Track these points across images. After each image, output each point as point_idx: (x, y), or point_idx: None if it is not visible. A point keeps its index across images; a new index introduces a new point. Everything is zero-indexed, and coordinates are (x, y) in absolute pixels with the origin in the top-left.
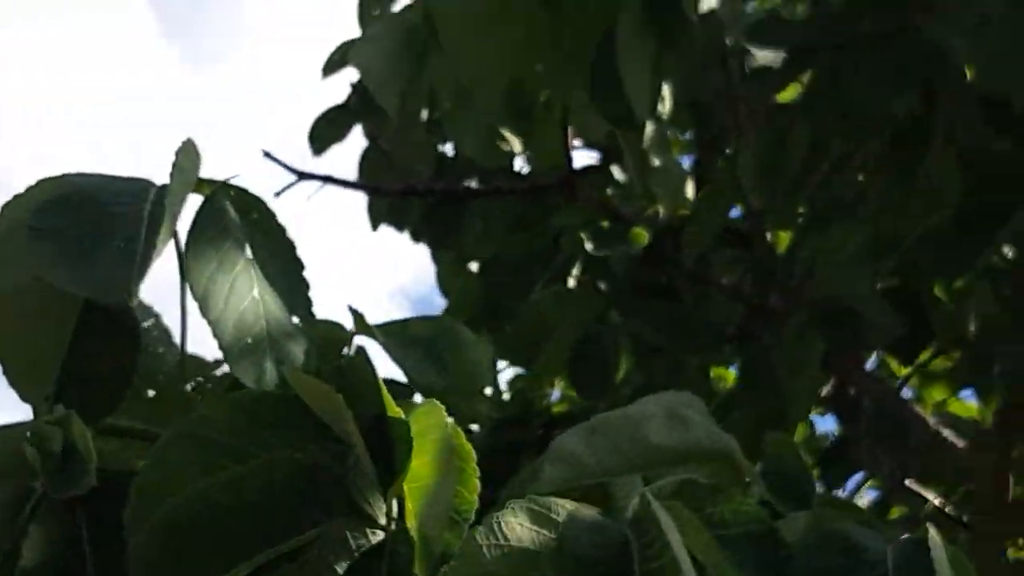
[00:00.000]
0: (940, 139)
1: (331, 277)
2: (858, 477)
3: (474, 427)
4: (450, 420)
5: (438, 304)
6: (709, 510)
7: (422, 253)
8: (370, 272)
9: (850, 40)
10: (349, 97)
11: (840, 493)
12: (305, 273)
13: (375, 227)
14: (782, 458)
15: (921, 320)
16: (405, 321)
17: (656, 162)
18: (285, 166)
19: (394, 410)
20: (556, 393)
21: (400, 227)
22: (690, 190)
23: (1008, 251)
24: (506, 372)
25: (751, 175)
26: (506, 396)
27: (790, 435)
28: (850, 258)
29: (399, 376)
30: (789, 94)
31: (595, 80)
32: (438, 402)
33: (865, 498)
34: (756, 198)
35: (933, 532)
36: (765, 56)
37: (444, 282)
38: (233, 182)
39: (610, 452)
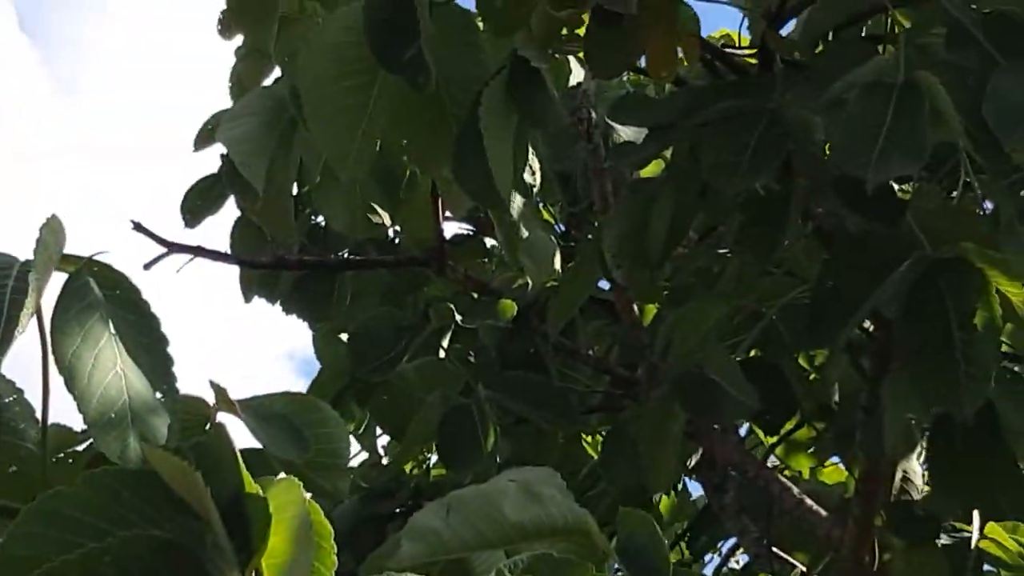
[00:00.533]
0: (797, 216)
1: (224, 339)
2: (731, 543)
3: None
4: (308, 495)
5: None
6: None
7: None
8: (264, 334)
9: (709, 118)
10: (221, 167)
11: (713, 558)
12: (169, 348)
13: (247, 299)
14: (637, 533)
15: (785, 390)
16: (267, 396)
17: (525, 234)
18: (155, 237)
19: (252, 487)
20: (435, 457)
21: (271, 299)
22: (558, 262)
23: (867, 323)
24: (384, 437)
25: (614, 249)
26: (385, 461)
27: (651, 506)
28: (708, 331)
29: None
30: (653, 169)
31: (459, 157)
32: (295, 479)
33: (738, 564)
34: (618, 272)
35: None
36: (627, 132)
37: (320, 351)
38: (111, 255)
39: (467, 528)
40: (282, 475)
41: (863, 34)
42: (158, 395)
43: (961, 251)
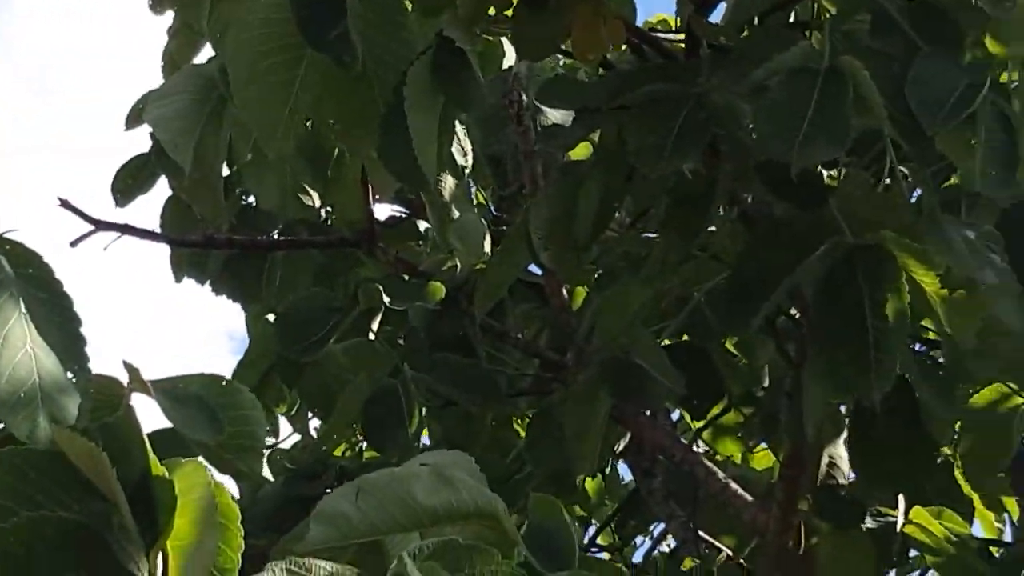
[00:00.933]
0: (722, 200)
1: (163, 319)
2: (662, 527)
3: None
4: (219, 477)
5: None
6: (468, 571)
7: None
8: (203, 313)
9: (635, 101)
10: (152, 147)
11: (644, 541)
12: (82, 328)
13: (177, 279)
14: (546, 520)
15: (712, 375)
16: (182, 377)
17: (456, 215)
18: (81, 215)
19: (158, 469)
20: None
21: (201, 279)
22: (488, 245)
23: (794, 310)
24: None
25: (541, 231)
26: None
27: (575, 490)
28: (633, 315)
29: None
30: (583, 152)
31: (384, 137)
32: (201, 461)
33: (669, 547)
34: (545, 255)
35: None
36: (556, 115)
37: (253, 330)
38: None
39: (377, 512)
40: (199, 458)
41: (790, 20)
42: (69, 375)
43: (879, 239)
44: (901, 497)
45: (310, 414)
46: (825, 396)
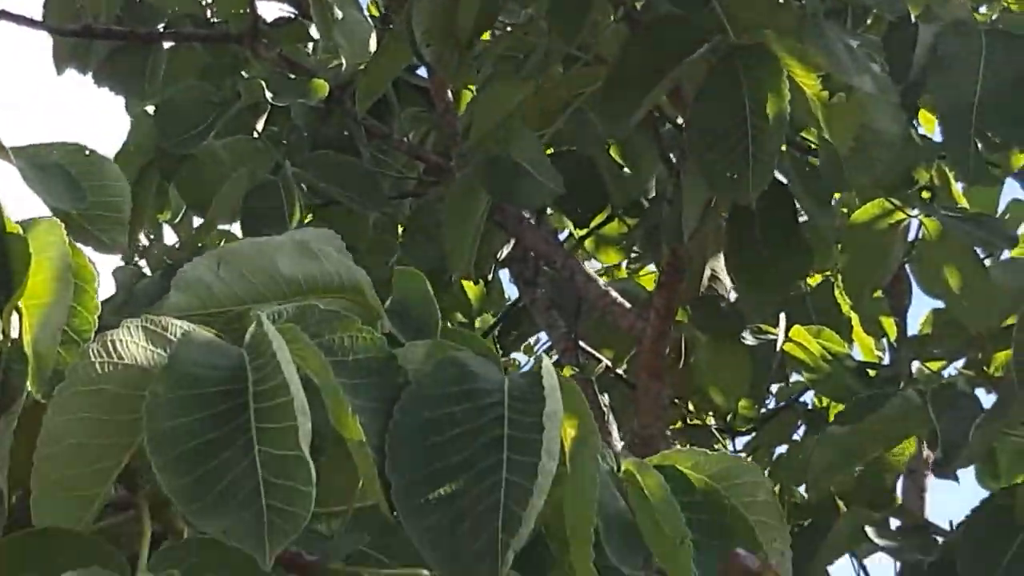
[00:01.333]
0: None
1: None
2: (546, 344)
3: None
4: (79, 244)
5: None
6: (328, 336)
7: None
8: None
9: None
10: None
11: (522, 355)
12: None
13: (59, 71)
14: (410, 293)
15: (595, 183)
16: (43, 145)
17: (339, 15)
18: None
19: (12, 227)
20: None
21: (82, 69)
22: (374, 44)
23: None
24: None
25: (423, 26)
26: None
27: (451, 287)
28: (511, 112)
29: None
30: None
31: None
32: (56, 220)
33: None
34: (427, 52)
35: (547, 363)
36: None
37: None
38: None
39: (238, 281)
40: (54, 218)
41: None
42: None
43: (762, 38)
44: (783, 316)
45: (194, 221)
46: (702, 195)
